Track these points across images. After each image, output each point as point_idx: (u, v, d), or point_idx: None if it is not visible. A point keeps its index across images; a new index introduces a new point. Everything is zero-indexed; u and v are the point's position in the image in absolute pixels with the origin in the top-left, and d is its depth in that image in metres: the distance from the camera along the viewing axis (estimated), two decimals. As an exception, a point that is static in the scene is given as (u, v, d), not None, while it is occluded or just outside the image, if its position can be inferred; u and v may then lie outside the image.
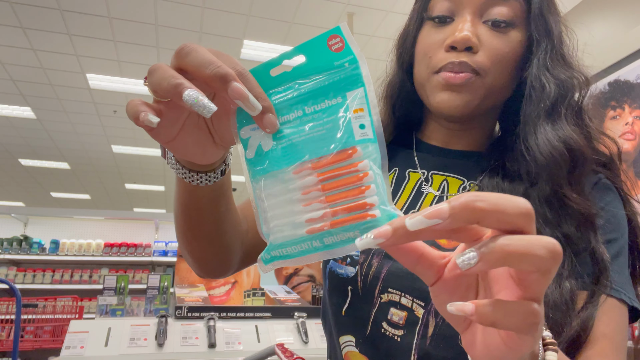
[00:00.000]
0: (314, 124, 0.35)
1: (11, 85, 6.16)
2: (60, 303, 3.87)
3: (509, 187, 0.59)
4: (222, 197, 0.53)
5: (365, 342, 0.61)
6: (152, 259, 5.58)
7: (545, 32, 0.60)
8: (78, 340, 1.55)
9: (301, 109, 0.36)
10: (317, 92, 0.36)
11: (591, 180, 0.60)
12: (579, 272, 0.54)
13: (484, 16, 0.59)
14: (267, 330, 1.75)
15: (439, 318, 0.56)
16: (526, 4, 0.60)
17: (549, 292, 0.51)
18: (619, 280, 0.56)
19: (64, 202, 12.24)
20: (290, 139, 0.35)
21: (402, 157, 0.69)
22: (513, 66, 0.60)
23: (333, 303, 0.65)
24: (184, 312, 1.74)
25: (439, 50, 0.60)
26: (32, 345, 3.52)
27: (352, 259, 0.63)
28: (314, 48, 0.36)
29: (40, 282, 5.22)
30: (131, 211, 12.35)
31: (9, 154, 8.84)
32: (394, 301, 0.59)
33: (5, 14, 4.68)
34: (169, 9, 4.63)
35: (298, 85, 0.37)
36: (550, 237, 0.27)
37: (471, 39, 0.57)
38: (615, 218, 0.59)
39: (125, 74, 5.94)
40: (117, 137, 8.07)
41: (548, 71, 0.59)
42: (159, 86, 0.36)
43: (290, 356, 1.26)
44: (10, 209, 6.05)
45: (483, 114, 0.63)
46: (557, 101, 0.58)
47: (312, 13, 4.71)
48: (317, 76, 0.36)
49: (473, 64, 0.58)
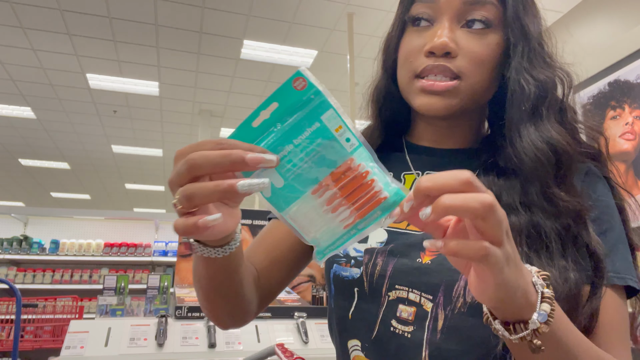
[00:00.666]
0: (307, 151, 0.42)
1: (11, 85, 6.16)
2: (60, 303, 3.87)
3: (504, 183, 0.60)
4: (241, 257, 0.56)
5: (370, 345, 0.61)
6: (152, 259, 5.58)
7: (521, 34, 0.61)
8: (78, 340, 1.55)
9: (290, 143, 0.42)
10: (297, 125, 0.42)
11: (582, 170, 0.62)
12: (583, 265, 0.55)
13: (461, 20, 0.61)
14: (267, 330, 1.75)
15: (448, 310, 0.56)
16: (502, 6, 0.61)
17: (557, 285, 0.52)
18: (622, 266, 0.57)
19: (64, 202, 12.24)
20: (295, 171, 0.42)
21: (395, 161, 0.70)
22: (493, 67, 0.62)
23: (339, 307, 0.65)
24: (184, 312, 1.74)
25: (419, 55, 0.62)
26: (32, 345, 3.53)
27: (356, 261, 0.63)
28: (283, 93, 0.42)
29: (40, 282, 5.22)
30: (131, 211, 12.35)
31: (9, 154, 8.84)
32: (402, 297, 0.59)
33: (5, 14, 4.68)
34: (169, 9, 4.63)
35: (279, 125, 0.42)
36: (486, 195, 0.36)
37: (448, 45, 0.59)
38: (609, 208, 0.61)
39: (125, 74, 5.94)
40: (117, 137, 8.07)
41: (527, 72, 0.61)
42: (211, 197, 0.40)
43: (290, 356, 1.26)
44: (10, 209, 6.05)
45: (469, 112, 0.65)
46: (537, 102, 0.60)
47: (312, 13, 4.71)
48: (293, 114, 0.42)
49: (453, 68, 0.60)
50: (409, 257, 0.60)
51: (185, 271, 2.09)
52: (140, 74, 5.94)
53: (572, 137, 0.61)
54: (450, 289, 0.57)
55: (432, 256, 0.59)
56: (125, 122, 7.43)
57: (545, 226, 0.55)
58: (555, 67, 0.63)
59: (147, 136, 8.02)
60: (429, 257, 0.59)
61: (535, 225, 0.56)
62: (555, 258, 0.54)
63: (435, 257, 0.59)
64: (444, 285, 0.57)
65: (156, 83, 6.17)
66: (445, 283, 0.57)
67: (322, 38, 5.16)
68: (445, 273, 0.57)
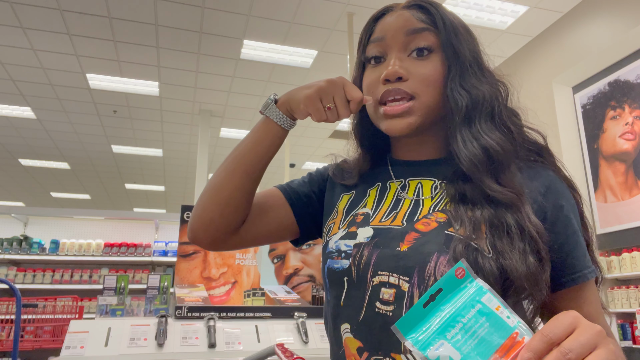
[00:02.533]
0: (476, 328, 0.48)
1: (11, 85, 6.16)
2: (60, 303, 3.87)
3: (468, 188, 0.69)
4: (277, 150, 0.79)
5: (358, 327, 0.67)
6: (152, 259, 5.58)
7: (454, 56, 0.72)
8: (78, 340, 1.55)
9: (459, 321, 0.48)
10: (462, 307, 0.49)
11: (544, 178, 0.71)
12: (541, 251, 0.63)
13: (407, 50, 0.73)
14: (267, 330, 1.74)
15: (422, 288, 0.64)
16: (439, 33, 0.73)
17: (519, 265, 0.60)
18: (584, 262, 0.68)
19: (64, 202, 12.24)
20: (470, 344, 0.48)
21: (381, 173, 0.82)
22: (441, 85, 0.73)
23: (333, 296, 0.72)
24: (184, 312, 1.74)
25: (378, 85, 0.74)
26: (32, 345, 3.52)
27: (346, 253, 0.71)
28: (447, 281, 0.51)
29: (40, 282, 5.22)
30: (131, 211, 12.35)
31: (9, 154, 8.85)
32: (384, 282, 0.66)
33: (5, 14, 4.69)
34: (169, 9, 4.63)
35: (444, 307, 0.50)
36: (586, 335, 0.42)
37: (398, 71, 0.71)
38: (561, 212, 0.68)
39: (125, 74, 5.94)
40: (117, 137, 8.07)
41: (461, 87, 0.71)
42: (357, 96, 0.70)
43: (290, 356, 1.26)
44: (10, 209, 6.04)
45: (432, 126, 0.75)
46: (471, 112, 0.71)
47: (312, 13, 4.71)
48: (455, 298, 0.50)
49: (407, 89, 0.71)
50: (390, 247, 0.68)
51: (185, 271, 2.09)
52: (140, 74, 5.94)
53: (509, 138, 0.71)
54: (423, 270, 0.64)
55: (409, 245, 0.67)
56: (125, 122, 7.44)
57: (506, 216, 0.64)
58: (491, 80, 0.74)
59: (147, 136, 8.02)
60: (406, 245, 0.67)
61: (497, 216, 0.64)
62: (515, 242, 0.62)
63: (411, 245, 0.67)
64: (417, 268, 0.64)
65: (156, 83, 6.17)
66: (419, 265, 0.64)
67: (322, 38, 5.16)
68: (419, 257, 0.65)
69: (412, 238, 0.67)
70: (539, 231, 0.63)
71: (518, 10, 4.64)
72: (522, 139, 0.74)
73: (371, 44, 0.77)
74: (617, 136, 4.28)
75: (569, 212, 0.69)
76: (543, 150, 0.75)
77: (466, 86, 0.71)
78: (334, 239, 0.74)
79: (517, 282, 0.60)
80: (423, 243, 0.65)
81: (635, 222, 4.05)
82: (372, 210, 0.75)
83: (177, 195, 11.50)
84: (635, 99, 4.14)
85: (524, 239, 0.63)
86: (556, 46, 4.76)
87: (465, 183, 0.69)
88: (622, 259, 4.05)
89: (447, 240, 0.64)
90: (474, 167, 0.68)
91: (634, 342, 3.94)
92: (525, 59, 5.17)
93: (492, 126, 0.71)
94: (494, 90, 0.73)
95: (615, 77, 4.38)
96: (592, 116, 4.56)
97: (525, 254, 0.61)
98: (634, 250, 3.99)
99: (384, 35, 0.75)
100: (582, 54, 4.44)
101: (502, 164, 0.68)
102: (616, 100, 4.33)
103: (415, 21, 0.73)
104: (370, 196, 0.78)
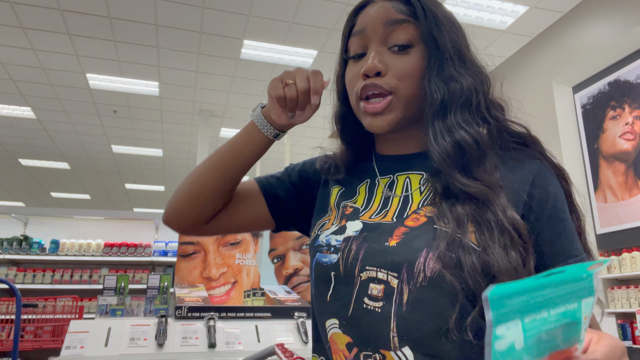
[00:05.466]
0: (555, 324, 0.44)
1: (11, 85, 6.16)
2: (60, 303, 3.86)
3: (451, 182, 0.68)
4: (258, 155, 0.79)
5: (347, 322, 0.67)
6: (152, 259, 5.57)
7: (434, 48, 0.72)
8: (78, 340, 1.55)
9: (547, 311, 0.44)
10: (561, 298, 0.44)
11: (532, 168, 0.70)
12: (519, 245, 0.63)
13: (387, 44, 0.73)
14: (267, 330, 1.74)
15: (411, 285, 0.63)
16: (420, 25, 0.72)
17: (499, 259, 0.60)
18: (573, 250, 0.67)
19: (64, 202, 12.24)
20: (539, 337, 0.44)
21: (366, 169, 0.82)
22: (419, 78, 0.72)
23: (319, 290, 0.72)
24: (184, 312, 1.74)
25: (358, 80, 0.73)
26: (32, 345, 3.52)
27: (334, 248, 0.71)
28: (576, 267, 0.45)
29: (40, 282, 5.22)
30: (131, 211, 12.35)
31: (9, 154, 8.85)
32: (372, 277, 0.66)
33: (5, 14, 4.69)
34: (169, 9, 4.63)
35: (549, 290, 0.44)
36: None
37: (377, 66, 0.71)
38: (548, 200, 0.68)
39: (125, 74, 5.94)
40: (117, 137, 8.07)
41: (439, 79, 0.70)
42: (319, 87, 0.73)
43: (290, 356, 1.26)
44: (10, 209, 6.03)
45: (414, 120, 0.74)
46: (447, 104, 0.70)
47: (312, 13, 4.71)
48: (566, 284, 0.45)
49: (384, 85, 0.71)
50: (379, 242, 0.67)
51: (185, 271, 2.09)
52: (140, 74, 5.94)
53: (489, 130, 0.71)
54: (412, 266, 0.63)
55: (398, 240, 0.66)
56: (125, 122, 7.44)
57: (486, 210, 0.64)
58: (472, 72, 0.72)
59: (147, 136, 8.02)
60: (395, 240, 0.66)
61: (478, 211, 0.64)
62: (496, 235, 0.62)
63: (400, 240, 0.66)
64: (406, 263, 0.64)
65: (156, 83, 6.17)
66: (408, 261, 0.64)
67: (322, 38, 5.16)
68: (408, 252, 0.64)
69: (401, 233, 0.67)
70: (514, 224, 0.63)
71: (518, 10, 4.64)
72: (506, 131, 0.73)
73: (352, 37, 0.77)
74: (617, 136, 4.28)
75: (555, 200, 0.68)
76: (528, 140, 0.74)
77: (444, 77, 0.70)
78: (325, 233, 0.74)
79: (499, 278, 0.60)
80: (412, 238, 0.65)
81: (635, 222, 4.05)
82: (362, 207, 0.75)
83: (177, 195, 11.48)
84: (635, 99, 4.14)
85: (504, 232, 0.62)
86: (556, 46, 4.76)
87: (447, 177, 0.69)
88: (622, 259, 4.05)
89: (437, 235, 0.64)
90: (443, 161, 0.67)
91: (634, 342, 3.94)
92: (525, 59, 5.17)
93: (468, 118, 0.70)
94: (475, 81, 0.72)
95: (615, 77, 4.37)
96: (592, 116, 4.56)
97: (507, 249, 0.61)
98: (633, 250, 3.99)
99: (364, 27, 0.75)
100: (582, 54, 4.44)
101: (475, 157, 0.68)
102: (616, 100, 4.33)
103: (394, 12, 0.73)
104: (360, 194, 0.78)
